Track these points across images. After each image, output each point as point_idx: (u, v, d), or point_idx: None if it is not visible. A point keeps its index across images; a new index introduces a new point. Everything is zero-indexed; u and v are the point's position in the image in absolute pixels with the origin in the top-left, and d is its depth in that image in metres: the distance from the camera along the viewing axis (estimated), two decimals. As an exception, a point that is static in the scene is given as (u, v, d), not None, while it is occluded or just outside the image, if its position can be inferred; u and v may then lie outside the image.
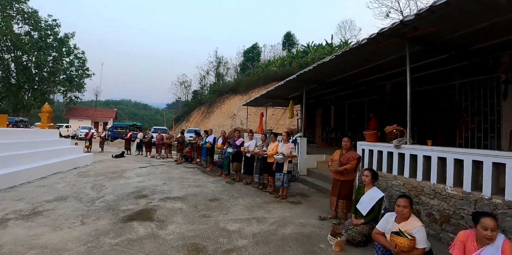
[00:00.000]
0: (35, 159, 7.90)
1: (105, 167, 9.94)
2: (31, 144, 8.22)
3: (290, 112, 11.40)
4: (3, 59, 33.71)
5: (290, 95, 12.08)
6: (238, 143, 8.19)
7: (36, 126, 10.10)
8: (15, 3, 33.33)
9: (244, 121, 30.90)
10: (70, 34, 37.52)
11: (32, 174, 7.37)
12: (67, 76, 37.76)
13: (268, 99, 12.63)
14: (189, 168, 10.36)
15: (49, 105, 10.20)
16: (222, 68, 41.08)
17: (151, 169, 9.78)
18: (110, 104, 64.20)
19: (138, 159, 12.86)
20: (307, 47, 34.05)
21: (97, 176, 8.13)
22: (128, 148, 14.77)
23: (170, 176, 8.50)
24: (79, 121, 35.98)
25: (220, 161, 8.90)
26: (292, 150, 6.29)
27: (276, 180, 6.37)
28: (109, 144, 21.04)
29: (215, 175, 9.01)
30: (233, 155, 8.21)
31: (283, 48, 37.41)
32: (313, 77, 8.44)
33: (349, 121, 12.63)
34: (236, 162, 8.18)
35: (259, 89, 32.20)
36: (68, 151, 9.68)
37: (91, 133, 15.68)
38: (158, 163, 11.44)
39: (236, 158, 8.18)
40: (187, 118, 40.68)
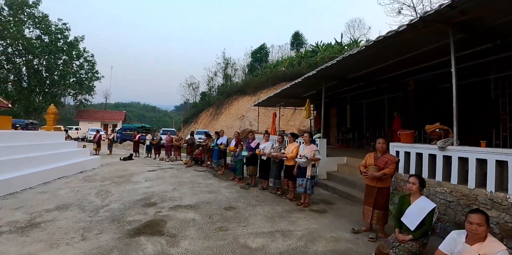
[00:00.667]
0: (38, 163, 7.41)
1: (112, 170, 9.42)
2: (34, 147, 7.74)
3: (307, 111, 10.71)
4: (15, 63, 33.90)
5: (304, 94, 11.40)
6: (253, 145, 7.55)
7: (41, 128, 9.63)
8: (26, 8, 33.54)
9: (253, 122, 30.30)
10: (80, 38, 37.58)
11: (34, 179, 6.87)
12: (77, 79, 37.83)
13: (281, 98, 11.97)
14: (199, 172, 9.77)
15: (55, 107, 9.75)
16: (230, 69, 40.64)
17: (160, 173, 9.22)
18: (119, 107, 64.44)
19: (146, 161, 12.34)
20: (316, 47, 33.29)
21: (103, 181, 7.59)
22: (137, 150, 14.29)
23: (180, 181, 7.90)
24: (89, 124, 35.91)
25: (233, 165, 8.27)
26: (316, 152, 5.62)
27: (298, 186, 5.70)
28: (117, 146, 20.64)
29: (227, 180, 8.39)
30: (248, 158, 7.58)
31: (291, 48, 36.74)
32: (334, 73, 7.77)
33: (367, 121, 11.88)
34: (251, 165, 7.54)
35: (267, 89, 31.57)
36: (74, 154, 9.20)
37: (99, 135, 15.27)
38: (167, 166, 10.89)
39: (251, 161, 7.54)
40: (195, 120, 40.27)
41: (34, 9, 34.14)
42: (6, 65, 33.64)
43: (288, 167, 6.20)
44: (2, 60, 33.28)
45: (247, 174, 7.72)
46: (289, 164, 6.19)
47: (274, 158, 6.64)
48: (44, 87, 35.75)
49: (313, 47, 33.78)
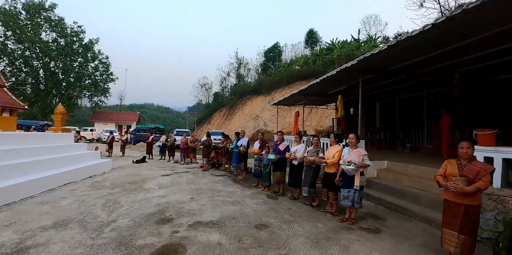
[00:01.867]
0: (41, 169, 6.58)
1: (123, 175, 8.55)
2: (38, 151, 6.94)
3: (340, 109, 9.49)
4: (32, 66, 34.04)
5: (332, 90, 10.25)
6: (281, 147, 6.49)
7: (48, 129, 8.87)
8: (43, 12, 33.62)
9: (268, 122, 29.26)
10: (95, 40, 37.48)
11: (36, 186, 6.03)
12: (92, 80, 37.76)
13: (305, 96, 10.86)
14: (218, 177, 8.78)
15: (63, 107, 8.99)
16: (243, 69, 39.67)
17: (175, 178, 8.28)
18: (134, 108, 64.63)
19: (160, 164, 11.47)
20: (332, 44, 31.94)
21: (112, 188, 6.69)
22: (150, 152, 13.47)
23: (198, 188, 6.92)
24: (104, 125, 35.67)
25: (257, 170, 7.25)
26: (365, 157, 4.52)
27: (343, 198, 4.61)
28: (131, 148, 19.99)
29: (250, 186, 7.37)
30: (275, 163, 6.52)
31: (305, 46, 35.44)
32: (373, 64, 6.62)
33: (401, 120, 10.63)
34: (279, 171, 6.47)
35: (282, 89, 30.48)
36: (83, 157, 8.39)
37: (111, 136, 14.55)
38: (182, 170, 9.96)
39: (279, 166, 6.48)
40: (208, 121, 39.51)
41: (51, 12, 34.21)
42: (24, 68, 33.83)
43: (328, 175, 5.12)
44: (21, 63, 33.49)
45: (274, 180, 6.67)
46: (330, 171, 5.10)
47: (310, 163, 5.57)
48: (61, 89, 35.80)
49: (329, 45, 32.46)
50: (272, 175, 6.69)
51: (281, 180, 6.45)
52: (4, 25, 31.32)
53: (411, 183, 6.03)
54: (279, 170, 6.46)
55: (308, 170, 5.69)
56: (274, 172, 6.60)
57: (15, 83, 33.13)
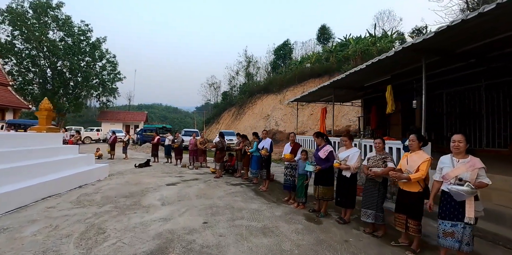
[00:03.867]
0: (13, 179, 5.00)
1: (121, 184, 6.93)
2: (9, 155, 5.36)
3: (390, 103, 7.55)
4: (40, 65, 32.97)
5: (368, 82, 8.46)
6: (322, 154, 4.75)
7: (30, 129, 7.30)
8: (50, 10, 32.52)
9: (279, 122, 27.55)
10: (102, 39, 36.28)
11: (5, 202, 4.46)
12: (100, 80, 36.56)
13: (335, 89, 9.06)
14: (234, 186, 7.10)
15: (49, 102, 7.39)
16: (252, 67, 37.90)
17: (183, 188, 6.62)
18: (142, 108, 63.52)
19: (166, 169, 9.84)
20: (345, 40, 30.07)
21: (102, 205, 5.07)
22: (156, 154, 11.87)
23: (212, 204, 5.25)
24: (111, 125, 34.43)
25: (289, 181, 5.55)
26: (482, 172, 2.79)
27: (444, 235, 2.87)
28: (137, 149, 18.51)
29: (278, 201, 5.69)
30: (318, 174, 4.80)
31: (317, 43, 33.50)
32: (442, 43, 4.86)
33: (450, 118, 8.81)
34: (322, 185, 4.74)
35: (294, 87, 28.74)
36: (72, 162, 6.81)
37: (114, 137, 13.01)
38: (191, 177, 8.31)
39: (323, 178, 4.74)
40: (217, 120, 37.94)
41: (58, 11, 33.08)
42: (32, 68, 32.79)
43: (407, 194, 3.40)
44: (28, 63, 32.45)
45: (315, 196, 4.94)
46: (410, 190, 3.38)
47: (375, 176, 3.85)
48: (68, 88, 34.66)
49: (342, 41, 30.57)
50: (314, 190, 4.96)
51: (326, 197, 4.72)
52: (11, 24, 30.30)
53: (504, 201, 4.26)
54: (322, 184, 4.72)
55: (371, 186, 3.96)
56: (315, 186, 4.88)
57: (23, 83, 32.12)
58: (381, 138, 4.20)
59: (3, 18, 30.02)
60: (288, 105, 28.30)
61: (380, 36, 29.14)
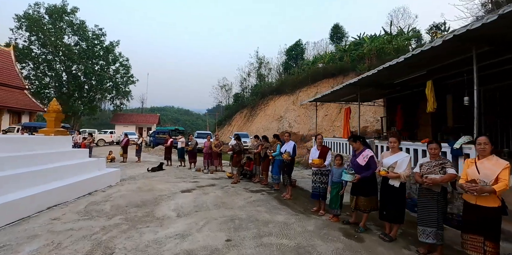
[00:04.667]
0: (14, 187, 4.52)
1: (132, 191, 6.39)
2: (15, 161, 4.89)
3: (431, 101, 6.64)
4: (56, 69, 33.37)
5: (399, 79, 7.66)
6: (362, 160, 4.04)
7: (39, 131, 6.86)
8: (65, 16, 32.89)
9: (292, 123, 26.80)
10: (115, 42, 36.49)
11: (4, 213, 3.97)
12: (113, 83, 36.76)
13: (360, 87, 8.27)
14: (255, 193, 6.45)
15: (57, 103, 6.97)
16: (264, 68, 37.29)
17: (199, 196, 6.02)
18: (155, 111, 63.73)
19: (180, 173, 9.29)
20: (360, 39, 29.11)
21: (111, 216, 4.51)
22: (169, 157, 11.35)
23: (233, 216, 4.61)
24: (124, 127, 34.46)
25: (318, 188, 4.86)
26: None
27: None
28: (150, 152, 18.14)
29: (306, 211, 5.01)
30: (356, 184, 4.09)
31: (330, 42, 32.59)
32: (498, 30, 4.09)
33: (488, 117, 7.91)
34: (362, 196, 4.03)
35: (307, 88, 27.95)
36: (82, 167, 6.32)
37: (126, 139, 12.61)
38: (206, 182, 7.71)
39: (363, 188, 4.02)
40: (229, 122, 37.46)
41: (72, 16, 33.44)
42: (48, 72, 33.22)
43: (482, 211, 2.67)
44: (45, 67, 32.88)
45: (353, 208, 4.23)
46: (486, 205, 2.65)
47: (433, 185, 3.14)
48: (83, 92, 34.95)
49: (356, 40, 29.61)
50: (350, 200, 4.25)
51: (368, 209, 4.02)
52: (28, 30, 30.79)
53: None
54: (363, 194, 4.02)
55: (428, 198, 3.23)
56: (353, 196, 4.18)
57: (39, 87, 32.55)
58: (437, 143, 3.46)
59: (20, 24, 30.49)
60: (301, 106, 27.53)
61: (395, 34, 28.04)
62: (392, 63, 5.73)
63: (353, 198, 4.16)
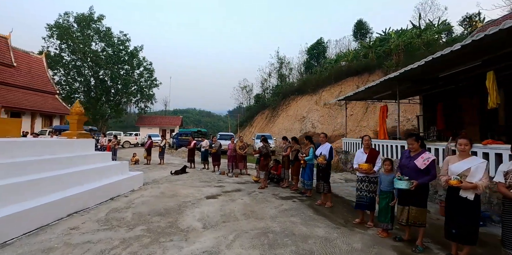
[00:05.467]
0: (35, 193, 4.25)
1: (155, 196, 6.01)
2: (37, 165, 4.64)
3: (494, 95, 5.64)
4: (84, 75, 34.66)
5: (444, 73, 6.76)
6: (422, 163, 3.32)
7: (61, 134, 6.67)
8: (92, 23, 34.09)
9: (316, 123, 25.87)
10: (139, 47, 37.37)
11: (18, 224, 3.67)
12: (138, 86, 37.65)
13: (400, 82, 7.40)
14: (285, 201, 5.84)
15: (80, 105, 6.76)
16: (285, 68, 36.58)
17: (226, 203, 5.51)
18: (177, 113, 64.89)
19: (203, 177, 8.87)
20: (385, 35, 27.68)
21: (133, 226, 4.10)
22: (192, 160, 11.01)
23: (266, 228, 4.04)
24: (149, 129, 35.13)
25: (365, 198, 4.18)
26: None
27: None
28: (173, 153, 18.05)
29: (348, 223, 4.34)
30: (406, 192, 3.38)
31: (354, 39, 31.28)
32: None
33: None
34: (415, 206, 3.34)
35: (330, 87, 26.92)
36: (104, 171, 6.05)
37: (150, 141, 12.47)
38: (232, 186, 7.21)
39: (416, 197, 3.33)
40: (250, 123, 37.04)
41: (99, 23, 34.59)
42: (77, 77, 34.56)
43: None
44: (74, 73, 34.25)
45: (403, 221, 3.51)
46: None
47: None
48: (109, 95, 36.05)
49: (381, 36, 28.18)
50: (399, 211, 3.56)
51: (419, 222, 3.33)
52: (59, 38, 32.17)
53: None
54: (416, 205, 3.33)
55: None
56: (403, 206, 3.49)
57: (69, 92, 33.93)
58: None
59: (51, 33, 31.90)
60: (325, 106, 26.53)
61: (424, 27, 26.35)
62: (444, 52, 4.93)
63: (403, 209, 3.47)
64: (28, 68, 22.45)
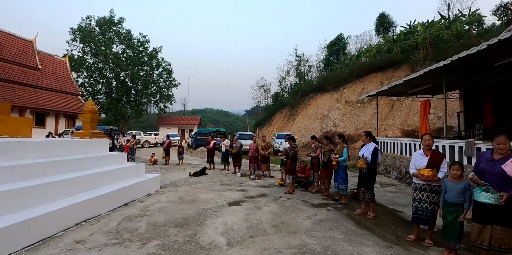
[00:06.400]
0: (41, 200, 3.76)
1: (172, 202, 5.42)
2: (44, 168, 4.16)
3: None
4: (106, 76, 35.29)
5: (502, 61, 5.72)
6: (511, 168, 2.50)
7: (73, 134, 6.22)
8: (113, 26, 34.62)
9: (337, 122, 24.72)
10: (158, 48, 37.60)
11: (20, 236, 3.17)
12: (157, 87, 37.94)
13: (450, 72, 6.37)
14: (318, 209, 5.06)
15: (93, 102, 6.27)
16: (303, 66, 35.49)
17: (251, 211, 4.82)
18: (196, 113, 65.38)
19: (224, 179, 8.24)
20: (410, 28, 26.04)
21: (146, 241, 3.49)
22: (211, 160, 10.43)
23: (304, 248, 3.29)
24: (168, 129, 35.28)
25: (424, 211, 3.35)
26: None
27: None
28: (191, 153, 17.66)
29: (400, 240, 3.52)
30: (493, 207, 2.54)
31: (376, 33, 29.69)
32: None
33: None
34: (501, 225, 2.48)
35: (352, 84, 25.66)
36: (119, 174, 5.54)
37: (168, 141, 12.04)
38: (256, 191, 6.51)
39: (501, 214, 2.48)
40: (268, 123, 36.30)
41: (119, 26, 35.07)
42: (100, 79, 35.24)
43: None
44: (97, 75, 34.94)
45: (483, 244, 2.67)
46: None
47: None
48: (130, 96, 36.51)
49: (406, 29, 26.53)
50: (475, 231, 2.71)
51: (508, 246, 2.48)
52: (82, 41, 32.90)
53: None
54: (503, 224, 2.48)
55: None
56: (482, 225, 2.64)
57: (92, 93, 34.64)
58: None
59: (75, 36, 32.64)
60: (347, 103, 25.30)
61: (452, 18, 24.51)
62: None
63: (483, 228, 2.64)
64: (53, 70, 22.91)
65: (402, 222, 4.36)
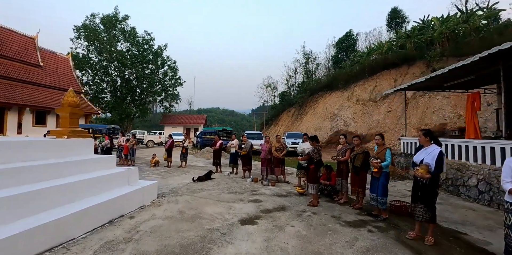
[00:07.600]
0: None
1: (170, 219, 4.29)
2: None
3: None
4: (111, 75, 34.45)
5: None
6: None
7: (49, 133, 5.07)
8: (117, 24, 33.74)
9: (348, 121, 23.39)
10: (163, 46, 36.68)
11: None
12: (162, 85, 37.01)
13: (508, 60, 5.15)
14: (357, 229, 3.86)
15: (74, 94, 4.92)
16: (311, 64, 34.14)
17: (271, 236, 3.64)
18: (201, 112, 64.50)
19: (233, 185, 7.07)
20: (424, 23, 24.61)
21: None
22: (217, 163, 9.26)
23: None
24: (173, 128, 34.33)
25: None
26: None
27: None
28: (196, 153, 16.56)
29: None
30: None
31: (388, 29, 28.20)
32: None
33: None
34: None
35: (363, 81, 24.32)
36: (105, 182, 4.44)
37: (171, 141, 10.95)
38: (272, 202, 5.33)
39: None
40: (275, 122, 35.05)
41: (124, 24, 34.19)
42: (105, 77, 34.42)
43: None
44: (102, 73, 34.10)
45: None
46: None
47: None
48: (135, 95, 35.65)
49: (420, 24, 25.09)
50: None
51: None
52: (86, 39, 32.07)
53: None
54: None
55: None
56: None
57: (97, 92, 33.83)
58: None
59: (79, 34, 31.83)
60: (358, 102, 23.95)
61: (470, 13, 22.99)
62: None
63: None
64: (55, 67, 22.04)
65: (475, 251, 3.17)
